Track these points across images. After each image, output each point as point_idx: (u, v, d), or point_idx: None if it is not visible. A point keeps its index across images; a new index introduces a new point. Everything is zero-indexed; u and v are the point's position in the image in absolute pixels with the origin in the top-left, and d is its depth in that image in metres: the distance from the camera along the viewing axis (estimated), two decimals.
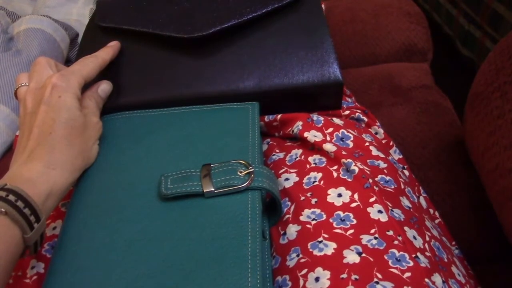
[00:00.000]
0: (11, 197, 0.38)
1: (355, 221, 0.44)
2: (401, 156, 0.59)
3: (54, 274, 0.40)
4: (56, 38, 0.81)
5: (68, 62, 0.88)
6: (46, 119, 0.44)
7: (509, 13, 1.40)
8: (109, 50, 0.55)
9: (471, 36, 1.65)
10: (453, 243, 0.56)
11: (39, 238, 0.41)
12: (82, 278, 0.40)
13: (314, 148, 0.52)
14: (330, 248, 0.42)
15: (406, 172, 0.57)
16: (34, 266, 0.46)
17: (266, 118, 0.55)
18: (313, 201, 0.46)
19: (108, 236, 0.42)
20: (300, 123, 0.53)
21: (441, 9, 1.88)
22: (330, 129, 0.53)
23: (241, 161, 0.45)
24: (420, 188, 0.58)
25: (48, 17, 0.82)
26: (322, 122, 0.53)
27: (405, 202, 0.49)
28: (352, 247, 0.42)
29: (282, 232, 0.46)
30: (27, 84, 0.50)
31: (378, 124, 0.60)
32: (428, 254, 0.44)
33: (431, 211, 0.57)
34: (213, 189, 0.43)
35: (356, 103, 0.63)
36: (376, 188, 0.47)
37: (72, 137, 0.45)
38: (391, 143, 0.59)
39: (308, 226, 0.44)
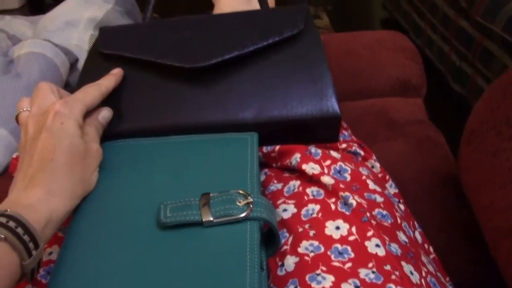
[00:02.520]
0: (11, 224, 0.38)
1: (353, 255, 0.44)
2: (396, 190, 0.60)
3: None
4: (56, 63, 0.81)
5: (67, 86, 0.89)
6: (48, 145, 0.45)
7: (500, 52, 1.44)
8: (112, 78, 0.55)
9: (462, 72, 1.68)
10: (447, 279, 0.56)
11: (36, 264, 0.41)
12: None
13: (312, 180, 0.52)
14: (328, 281, 0.42)
15: (402, 206, 0.58)
16: None
17: (265, 149, 0.56)
18: (311, 233, 0.47)
19: (105, 263, 0.42)
20: (298, 155, 0.53)
21: (433, 45, 1.92)
22: (328, 162, 0.53)
23: (240, 191, 0.45)
24: (415, 222, 0.59)
25: (49, 42, 0.83)
26: (320, 154, 0.54)
27: (402, 236, 0.49)
28: (350, 281, 0.42)
29: (279, 263, 0.46)
30: (29, 109, 0.50)
31: (374, 157, 0.60)
32: None
33: (426, 246, 0.58)
34: (212, 219, 0.43)
35: (353, 136, 0.63)
36: (374, 222, 0.47)
37: (73, 164, 0.45)
38: (387, 177, 0.60)
39: (306, 258, 0.44)
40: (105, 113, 0.54)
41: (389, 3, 2.45)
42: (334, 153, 0.55)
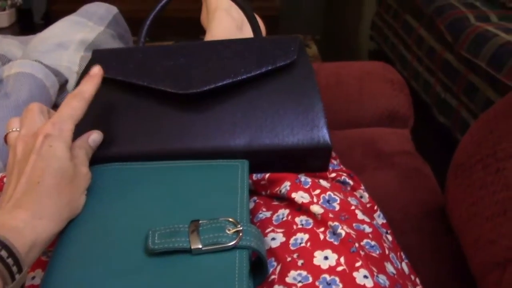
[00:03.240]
0: None
1: (341, 285, 0.44)
2: (384, 221, 0.60)
3: None
4: (46, 84, 0.81)
5: (55, 107, 0.88)
6: (35, 168, 0.44)
7: (484, 85, 1.47)
8: (91, 82, 0.52)
9: (447, 104, 1.71)
10: None
11: None
12: None
13: (301, 209, 0.52)
14: None
15: (390, 237, 0.58)
16: None
17: (254, 177, 0.56)
18: (300, 262, 0.46)
19: None
20: (288, 183, 0.54)
21: (419, 77, 1.96)
22: (317, 191, 0.54)
23: (230, 219, 0.45)
24: (402, 253, 0.59)
25: (39, 62, 0.83)
26: (310, 183, 0.54)
27: (389, 268, 0.49)
28: None
29: None
30: (18, 129, 0.49)
31: (363, 187, 0.61)
32: None
33: (413, 277, 0.57)
34: (200, 246, 0.43)
35: (341, 166, 0.64)
36: (362, 253, 0.47)
37: (61, 187, 0.45)
38: (375, 207, 0.60)
39: None
40: (95, 137, 0.53)
41: (377, 35, 2.50)
42: (323, 182, 0.56)
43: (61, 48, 0.98)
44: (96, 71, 0.53)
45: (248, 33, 0.81)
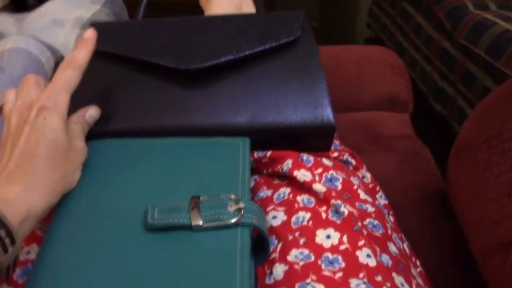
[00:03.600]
0: None
1: (343, 264, 0.43)
2: (386, 202, 0.59)
3: None
4: (41, 59, 0.79)
5: None
6: (29, 140, 0.43)
7: (482, 74, 1.46)
8: (86, 47, 0.50)
9: (444, 93, 1.71)
10: None
11: (12, 262, 0.39)
12: None
13: (303, 187, 0.51)
14: None
15: (392, 218, 0.57)
16: None
17: (256, 155, 0.55)
18: (301, 241, 0.46)
19: (88, 267, 0.40)
20: (290, 161, 0.53)
21: (416, 66, 1.95)
22: (320, 170, 0.53)
23: (232, 196, 0.44)
24: (403, 235, 0.58)
25: (35, 39, 0.81)
26: (312, 162, 0.53)
27: (392, 248, 0.49)
28: None
29: (268, 272, 0.45)
30: (13, 101, 0.48)
31: (365, 168, 0.60)
32: None
33: (413, 259, 0.57)
34: (201, 223, 0.42)
35: (343, 146, 0.63)
36: (365, 232, 0.46)
37: (55, 160, 0.44)
38: (377, 188, 0.59)
39: (296, 266, 0.43)
40: (93, 112, 0.52)
41: (374, 23, 2.49)
42: (326, 161, 0.55)
43: (57, 25, 0.96)
44: (90, 34, 0.51)
45: (246, 13, 0.80)
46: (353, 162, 0.59)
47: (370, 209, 0.51)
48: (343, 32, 2.79)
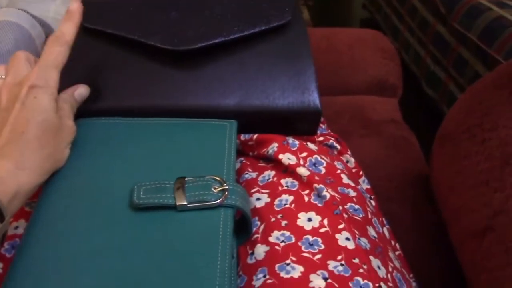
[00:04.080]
0: None
1: (323, 246, 0.44)
2: (369, 186, 0.61)
3: (15, 280, 0.39)
4: (32, 34, 0.79)
5: None
6: (20, 118, 0.43)
7: (474, 59, 1.47)
8: (71, 21, 0.50)
9: (436, 77, 1.71)
10: (411, 275, 0.58)
11: (1, 237, 0.40)
12: (43, 286, 0.39)
13: (287, 170, 0.52)
14: (297, 271, 0.42)
15: (373, 202, 0.58)
16: None
17: (242, 137, 0.56)
18: (283, 223, 0.47)
19: (74, 243, 0.41)
20: (275, 144, 0.54)
21: (409, 48, 1.95)
22: (304, 154, 0.54)
23: (216, 177, 0.45)
24: (383, 219, 0.60)
25: (26, 12, 0.81)
26: (297, 146, 0.54)
27: (371, 231, 0.50)
28: (318, 272, 0.42)
29: (250, 252, 0.46)
30: (3, 77, 0.48)
31: (349, 152, 0.61)
32: (390, 284, 0.45)
33: (393, 242, 0.59)
34: (185, 203, 0.43)
35: (329, 130, 0.64)
36: (345, 216, 0.48)
37: (45, 138, 0.44)
38: (360, 173, 0.61)
39: (277, 247, 0.45)
40: (82, 91, 0.52)
41: (370, 4, 2.47)
42: (311, 145, 0.56)
43: None
44: (75, 7, 0.51)
45: None
46: (338, 146, 0.60)
47: (352, 193, 0.52)
48: (338, 11, 2.77)
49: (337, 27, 1.06)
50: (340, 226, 0.46)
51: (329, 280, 0.41)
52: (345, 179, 0.53)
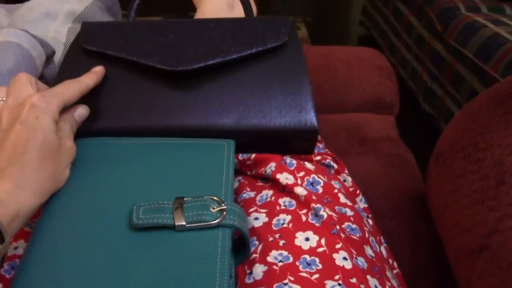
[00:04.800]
0: None
1: (320, 266, 0.45)
2: (366, 205, 0.61)
3: None
4: (32, 54, 0.80)
5: (41, 78, 0.87)
6: (21, 138, 0.44)
7: (470, 76, 1.48)
8: (93, 76, 0.55)
9: (433, 93, 1.73)
10: None
11: (0, 259, 0.40)
12: None
13: (285, 190, 0.53)
14: None
15: (370, 221, 0.59)
16: None
17: (240, 156, 0.56)
18: (281, 242, 0.47)
19: (73, 263, 0.42)
20: (273, 164, 0.54)
21: (407, 65, 1.97)
22: (302, 173, 0.54)
23: (214, 198, 0.46)
24: (381, 237, 0.60)
25: (27, 32, 0.82)
26: (295, 165, 0.55)
27: (369, 251, 0.50)
28: None
29: (248, 271, 0.46)
30: (4, 99, 0.49)
31: (346, 172, 0.62)
32: None
33: (390, 261, 0.59)
34: (184, 223, 0.43)
35: (327, 149, 0.65)
36: (343, 235, 0.48)
37: (45, 159, 0.45)
38: (357, 192, 0.61)
39: (275, 267, 0.45)
40: (81, 111, 0.53)
41: (367, 21, 2.50)
42: (308, 165, 0.56)
43: (49, 18, 0.96)
44: (98, 69, 0.57)
45: (239, 12, 0.81)
46: (335, 166, 0.60)
47: (349, 212, 0.52)
48: (336, 28, 2.80)
49: (335, 45, 1.07)
50: (338, 246, 0.47)
51: None
52: (342, 199, 0.54)
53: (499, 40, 1.38)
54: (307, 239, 0.47)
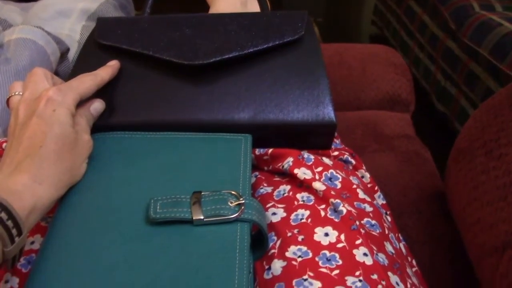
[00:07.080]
0: None
1: (340, 262, 0.44)
2: (384, 202, 0.60)
3: None
4: (47, 51, 0.80)
5: (56, 75, 0.87)
6: (38, 132, 0.44)
7: (485, 75, 1.46)
8: (108, 70, 0.54)
9: (447, 92, 1.71)
10: None
11: (18, 252, 0.40)
12: None
13: (303, 185, 0.52)
14: (315, 286, 0.42)
15: (389, 218, 0.58)
16: (8, 280, 0.44)
17: (257, 151, 0.56)
18: (300, 238, 0.46)
19: (90, 258, 0.41)
20: (291, 159, 0.53)
21: (420, 64, 1.95)
22: (320, 168, 0.53)
23: (232, 192, 0.45)
24: (399, 235, 0.59)
25: (41, 29, 0.82)
26: (313, 160, 0.54)
27: (389, 247, 0.49)
28: None
29: (266, 267, 0.45)
30: (21, 93, 0.49)
31: (364, 168, 0.61)
32: None
33: (409, 258, 0.58)
34: (202, 217, 0.43)
35: (344, 145, 0.64)
36: (363, 231, 0.47)
37: (62, 153, 0.44)
38: (376, 188, 0.60)
39: (294, 262, 0.44)
40: (97, 105, 0.53)
41: (379, 20, 2.48)
42: (326, 160, 0.56)
43: (63, 16, 0.96)
44: (114, 63, 0.57)
45: (252, 10, 0.80)
46: (353, 161, 0.59)
47: (368, 208, 0.52)
48: (348, 28, 2.79)
49: (348, 43, 1.07)
50: (358, 242, 0.46)
51: None
52: (361, 194, 0.53)
53: None
54: (326, 234, 0.46)
